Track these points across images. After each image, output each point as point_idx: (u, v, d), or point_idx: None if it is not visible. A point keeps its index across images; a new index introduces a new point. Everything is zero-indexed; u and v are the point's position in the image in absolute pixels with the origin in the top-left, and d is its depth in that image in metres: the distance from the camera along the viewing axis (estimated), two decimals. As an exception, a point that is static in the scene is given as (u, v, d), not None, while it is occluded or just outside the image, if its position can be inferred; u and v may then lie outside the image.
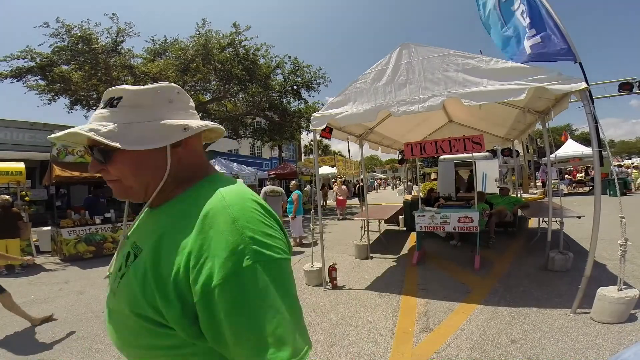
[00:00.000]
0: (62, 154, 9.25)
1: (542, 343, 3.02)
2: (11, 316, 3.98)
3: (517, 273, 5.09)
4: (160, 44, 14.51)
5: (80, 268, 6.98)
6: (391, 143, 8.41)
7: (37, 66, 11.90)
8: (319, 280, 5.06)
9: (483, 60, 3.76)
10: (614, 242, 3.80)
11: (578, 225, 6.91)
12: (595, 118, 3.33)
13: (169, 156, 0.78)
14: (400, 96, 4.20)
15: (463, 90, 3.81)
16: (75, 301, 4.90)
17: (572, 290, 3.92)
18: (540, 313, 3.64)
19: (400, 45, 4.31)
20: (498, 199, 7.59)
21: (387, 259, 6.40)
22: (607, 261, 5.14)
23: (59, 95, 13.30)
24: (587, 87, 3.33)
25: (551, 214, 5.50)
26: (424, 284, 4.86)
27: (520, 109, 5.47)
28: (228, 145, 29.36)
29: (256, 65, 13.94)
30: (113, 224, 8.37)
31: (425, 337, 3.30)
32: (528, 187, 18.32)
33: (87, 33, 11.65)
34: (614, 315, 3.25)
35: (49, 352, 3.35)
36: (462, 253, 6.48)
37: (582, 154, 18.01)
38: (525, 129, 6.64)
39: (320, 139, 5.49)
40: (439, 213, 5.69)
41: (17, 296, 5.13)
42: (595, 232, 3.42)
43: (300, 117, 17.62)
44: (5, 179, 8.09)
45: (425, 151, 5.60)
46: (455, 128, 8.43)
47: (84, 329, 3.87)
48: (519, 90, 3.53)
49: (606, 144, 3.80)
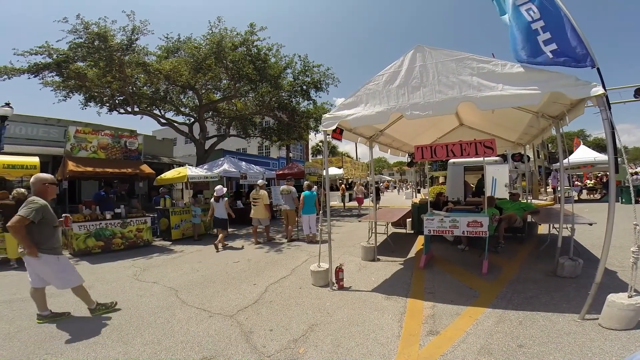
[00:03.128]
0: (76, 149, 9.43)
1: (549, 348, 3.00)
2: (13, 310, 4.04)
3: (526, 278, 5.04)
4: (174, 42, 14.68)
5: (90, 263, 7.10)
6: (401, 145, 8.39)
7: (54, 62, 12.15)
8: (326, 281, 5.08)
9: (498, 65, 3.74)
10: (624, 249, 3.76)
11: (589, 232, 6.83)
12: (612, 124, 3.28)
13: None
14: (413, 99, 4.20)
15: (478, 95, 3.80)
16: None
17: (580, 297, 3.89)
18: (547, 318, 3.60)
19: (414, 47, 4.31)
20: (508, 204, 7.53)
21: (394, 262, 6.38)
22: (618, 268, 5.07)
23: (73, 92, 13.56)
24: (605, 93, 3.29)
25: (562, 219, 5.44)
26: (431, 287, 4.85)
27: (534, 114, 5.41)
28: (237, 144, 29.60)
29: (267, 64, 14.01)
30: (123, 219, 8.49)
31: (431, 340, 3.29)
32: (538, 193, 18.10)
33: (104, 30, 11.85)
34: (623, 321, 3.22)
35: (55, 347, 3.39)
36: (470, 257, 6.44)
37: (594, 161, 17.75)
38: (539, 134, 6.57)
39: (329, 140, 5.50)
40: (448, 217, 5.67)
41: (26, 290, 5.25)
42: (608, 239, 3.37)
43: (309, 118, 17.67)
44: (20, 172, 8.25)
45: (436, 154, 5.57)
46: (466, 131, 8.38)
47: (91, 323, 3.94)
48: (535, 95, 3.50)
49: (622, 151, 3.75)
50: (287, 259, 7.00)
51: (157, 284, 5.49)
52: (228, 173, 13.26)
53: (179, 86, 15.07)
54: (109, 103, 14.85)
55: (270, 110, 16.69)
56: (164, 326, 3.80)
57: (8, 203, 6.89)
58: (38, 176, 4.04)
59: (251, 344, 3.31)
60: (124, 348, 3.30)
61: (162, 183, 11.39)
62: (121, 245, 8.37)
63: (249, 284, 5.37)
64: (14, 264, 6.73)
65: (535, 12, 3.63)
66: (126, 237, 8.45)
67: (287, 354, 3.11)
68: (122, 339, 3.50)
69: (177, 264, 6.93)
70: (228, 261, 6.98)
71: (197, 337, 3.51)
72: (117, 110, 15.27)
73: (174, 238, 9.81)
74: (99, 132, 10.17)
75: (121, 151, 10.39)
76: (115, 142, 10.29)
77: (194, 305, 4.46)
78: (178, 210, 10.15)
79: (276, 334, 3.52)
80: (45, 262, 3.83)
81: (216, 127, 20.38)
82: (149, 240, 9.04)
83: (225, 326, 3.76)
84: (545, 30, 3.55)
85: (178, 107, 16.82)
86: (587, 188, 21.65)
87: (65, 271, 4.00)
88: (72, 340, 3.48)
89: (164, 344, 3.37)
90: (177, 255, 7.78)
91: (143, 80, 14.34)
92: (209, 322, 3.87)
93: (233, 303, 4.49)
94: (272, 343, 3.33)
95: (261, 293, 4.87)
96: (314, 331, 3.56)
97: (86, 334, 3.63)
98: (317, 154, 47.11)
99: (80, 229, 7.86)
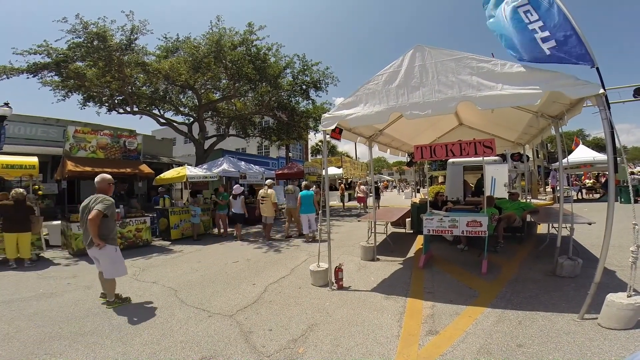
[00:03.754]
0: (75, 149, 9.41)
1: (548, 348, 3.00)
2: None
3: (525, 278, 5.05)
4: (173, 42, 14.67)
5: (89, 263, 7.05)
6: (400, 145, 8.39)
7: (53, 62, 12.13)
8: (325, 280, 5.08)
9: (498, 64, 3.74)
10: (623, 248, 3.77)
11: (588, 231, 6.84)
12: (611, 124, 3.28)
13: None
14: (413, 98, 4.20)
15: (477, 94, 3.79)
16: (83, 296, 4.98)
17: (580, 296, 3.90)
18: (547, 318, 3.61)
19: (414, 47, 4.30)
20: (507, 204, 7.53)
21: (394, 262, 6.39)
22: (617, 268, 5.07)
23: (72, 92, 13.54)
24: (604, 93, 3.29)
25: (561, 219, 5.44)
26: (431, 287, 4.85)
27: (533, 114, 5.41)
28: (236, 144, 29.59)
29: (267, 64, 14.00)
30: (122, 219, 8.46)
31: (430, 340, 3.29)
32: (537, 193, 18.10)
33: (103, 30, 11.84)
34: (622, 321, 3.22)
35: (55, 347, 3.38)
36: (470, 257, 6.45)
37: (594, 160, 17.77)
38: (538, 133, 6.57)
39: (328, 140, 5.50)
40: (447, 216, 5.67)
41: (25, 290, 5.27)
42: (607, 239, 3.37)
43: (308, 118, 17.67)
44: (18, 172, 8.23)
45: (436, 154, 5.57)
46: (465, 131, 8.39)
47: (90, 323, 3.93)
48: (534, 95, 3.50)
49: (621, 151, 3.75)
50: (287, 259, 6.99)
51: (156, 284, 5.49)
52: (227, 173, 13.24)
53: (178, 86, 15.06)
54: (108, 103, 14.84)
55: (270, 110, 16.68)
56: (163, 326, 3.80)
57: (7, 203, 6.89)
58: (103, 176, 4.72)
59: (250, 344, 3.31)
60: (123, 348, 3.30)
61: (161, 183, 11.38)
62: (120, 245, 8.26)
63: (248, 283, 5.37)
64: (13, 264, 6.71)
65: (533, 13, 3.63)
66: (125, 237, 8.42)
67: (286, 353, 3.11)
68: (122, 339, 3.49)
69: (176, 263, 6.92)
70: (227, 261, 6.97)
71: (196, 337, 3.50)
72: (116, 110, 15.26)
73: (173, 238, 9.80)
74: (98, 132, 10.14)
75: (120, 151, 10.37)
76: (115, 142, 10.27)
77: (193, 305, 4.46)
78: (177, 210, 10.14)
79: (275, 334, 3.51)
80: (107, 251, 4.37)
81: (215, 126, 20.37)
82: (148, 240, 9.02)
83: (225, 326, 3.75)
84: (544, 30, 3.55)
85: (177, 107, 16.81)
86: (586, 188, 21.70)
87: (117, 262, 4.52)
88: (79, 338, 3.49)
89: (163, 344, 3.37)
90: (176, 255, 7.77)
91: (142, 80, 14.33)
92: (208, 322, 3.87)
93: (232, 303, 4.49)
94: (271, 343, 3.32)
95: (260, 293, 4.87)
96: (314, 331, 3.56)
97: (85, 334, 3.63)
98: (316, 153, 47.11)
99: (80, 229, 7.81)
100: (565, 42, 3.42)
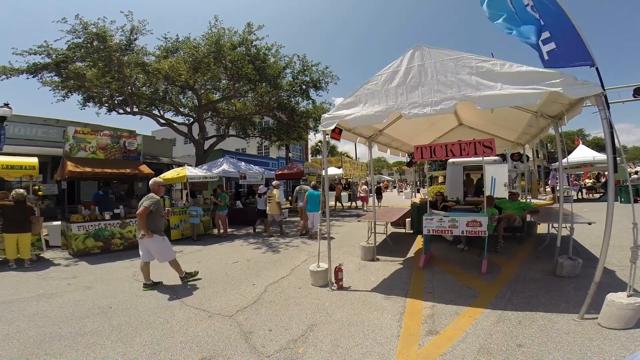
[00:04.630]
0: (75, 150, 9.41)
1: (548, 347, 3.00)
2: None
3: (525, 278, 5.05)
4: (173, 43, 14.66)
5: (89, 263, 7.08)
6: (400, 145, 8.39)
7: (53, 62, 12.13)
8: (325, 280, 5.08)
9: (497, 64, 3.73)
10: (623, 248, 3.77)
11: (588, 231, 6.84)
12: (610, 124, 3.28)
13: None
14: (412, 98, 4.20)
15: (476, 94, 3.79)
16: (83, 296, 4.97)
17: (579, 296, 3.90)
18: (547, 318, 3.61)
19: (413, 47, 4.30)
20: (507, 204, 7.53)
21: (394, 262, 6.38)
22: (617, 267, 5.08)
23: (72, 92, 13.53)
24: (603, 92, 3.29)
25: (561, 219, 5.44)
26: (430, 287, 4.85)
27: (533, 113, 5.42)
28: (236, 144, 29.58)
29: (266, 64, 14.00)
30: (122, 220, 8.47)
31: (430, 340, 3.29)
32: (537, 193, 18.10)
33: (103, 30, 11.84)
34: (622, 321, 3.22)
35: (55, 347, 3.38)
36: (469, 257, 6.45)
37: (594, 160, 17.77)
38: (537, 133, 6.57)
39: (328, 140, 5.51)
40: (447, 216, 5.67)
41: (25, 290, 5.27)
42: (607, 238, 3.37)
43: (308, 118, 17.66)
44: (18, 173, 8.23)
45: (435, 154, 5.57)
46: (465, 131, 8.39)
47: (90, 324, 3.93)
48: (533, 95, 3.50)
49: (621, 151, 3.75)
50: (287, 259, 6.99)
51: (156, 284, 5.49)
52: (227, 173, 13.24)
53: (178, 86, 15.04)
54: (108, 103, 14.82)
55: (270, 110, 16.67)
56: (163, 326, 3.80)
57: (7, 203, 6.89)
58: (155, 180, 5.65)
59: (250, 344, 3.31)
60: (123, 348, 3.30)
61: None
62: (120, 245, 8.34)
63: (248, 284, 5.37)
64: (13, 265, 6.71)
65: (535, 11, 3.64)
66: (125, 238, 8.42)
67: (286, 354, 3.11)
68: (122, 339, 3.49)
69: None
70: (227, 261, 6.97)
71: (196, 337, 3.50)
72: (116, 110, 15.24)
73: (173, 238, 9.77)
74: (98, 132, 10.15)
75: (120, 151, 10.37)
76: (115, 142, 10.27)
77: (193, 305, 4.46)
78: (177, 210, 10.14)
79: (275, 334, 3.51)
80: (155, 241, 5.17)
81: (215, 127, 20.35)
82: (148, 240, 8.99)
83: (225, 326, 3.75)
84: (544, 30, 3.56)
85: (177, 108, 16.79)
86: (586, 187, 21.70)
87: (166, 248, 5.38)
88: (79, 338, 3.48)
89: (163, 344, 3.37)
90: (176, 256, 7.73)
91: (142, 81, 14.32)
92: (208, 323, 3.87)
93: (232, 303, 4.49)
94: (271, 343, 3.32)
95: (260, 293, 4.87)
96: (313, 331, 3.56)
97: (84, 334, 3.63)
98: (316, 153, 47.06)
99: (79, 229, 7.84)
100: (565, 43, 3.43)
